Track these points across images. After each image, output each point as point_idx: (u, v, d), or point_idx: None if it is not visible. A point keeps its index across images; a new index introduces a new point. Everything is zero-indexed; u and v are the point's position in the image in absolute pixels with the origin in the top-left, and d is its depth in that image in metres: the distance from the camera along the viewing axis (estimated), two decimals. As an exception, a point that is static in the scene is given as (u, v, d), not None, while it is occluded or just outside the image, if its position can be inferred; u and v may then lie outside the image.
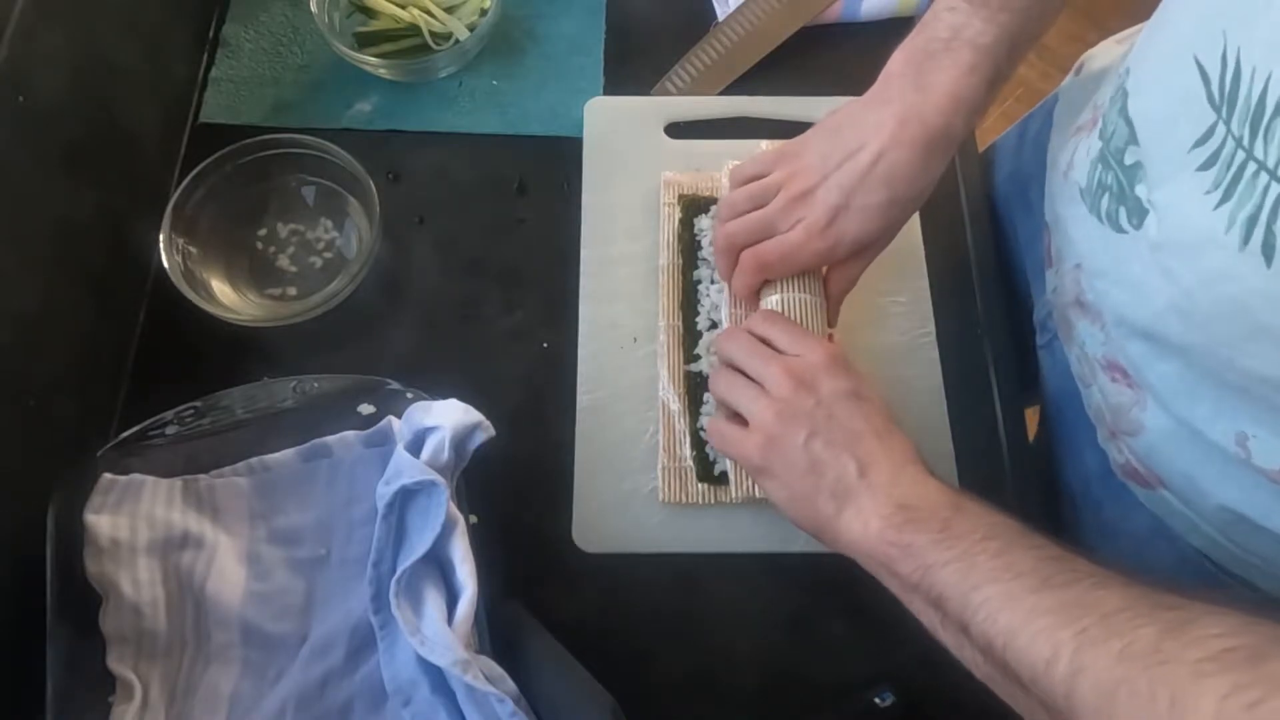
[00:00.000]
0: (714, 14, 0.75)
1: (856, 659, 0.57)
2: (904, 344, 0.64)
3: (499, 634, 0.51)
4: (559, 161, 0.69)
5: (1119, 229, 0.49)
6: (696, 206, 0.66)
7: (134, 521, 0.53)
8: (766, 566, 0.59)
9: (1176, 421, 0.49)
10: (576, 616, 0.56)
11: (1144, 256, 0.46)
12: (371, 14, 0.72)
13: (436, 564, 0.51)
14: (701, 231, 0.65)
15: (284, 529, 0.56)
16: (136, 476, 0.55)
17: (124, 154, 0.65)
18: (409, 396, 0.56)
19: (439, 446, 0.52)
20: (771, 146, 0.61)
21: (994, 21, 0.52)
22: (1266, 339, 0.40)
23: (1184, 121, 0.42)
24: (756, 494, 0.55)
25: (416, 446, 0.53)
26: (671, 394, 0.61)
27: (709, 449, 0.59)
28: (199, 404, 0.56)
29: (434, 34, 0.71)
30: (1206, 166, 0.40)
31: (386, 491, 0.51)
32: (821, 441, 0.48)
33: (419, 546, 0.50)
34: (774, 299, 0.57)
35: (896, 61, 0.55)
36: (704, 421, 0.60)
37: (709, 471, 0.59)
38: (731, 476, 0.57)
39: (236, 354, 0.63)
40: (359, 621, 0.52)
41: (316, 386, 0.57)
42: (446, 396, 0.55)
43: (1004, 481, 0.62)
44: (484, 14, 0.71)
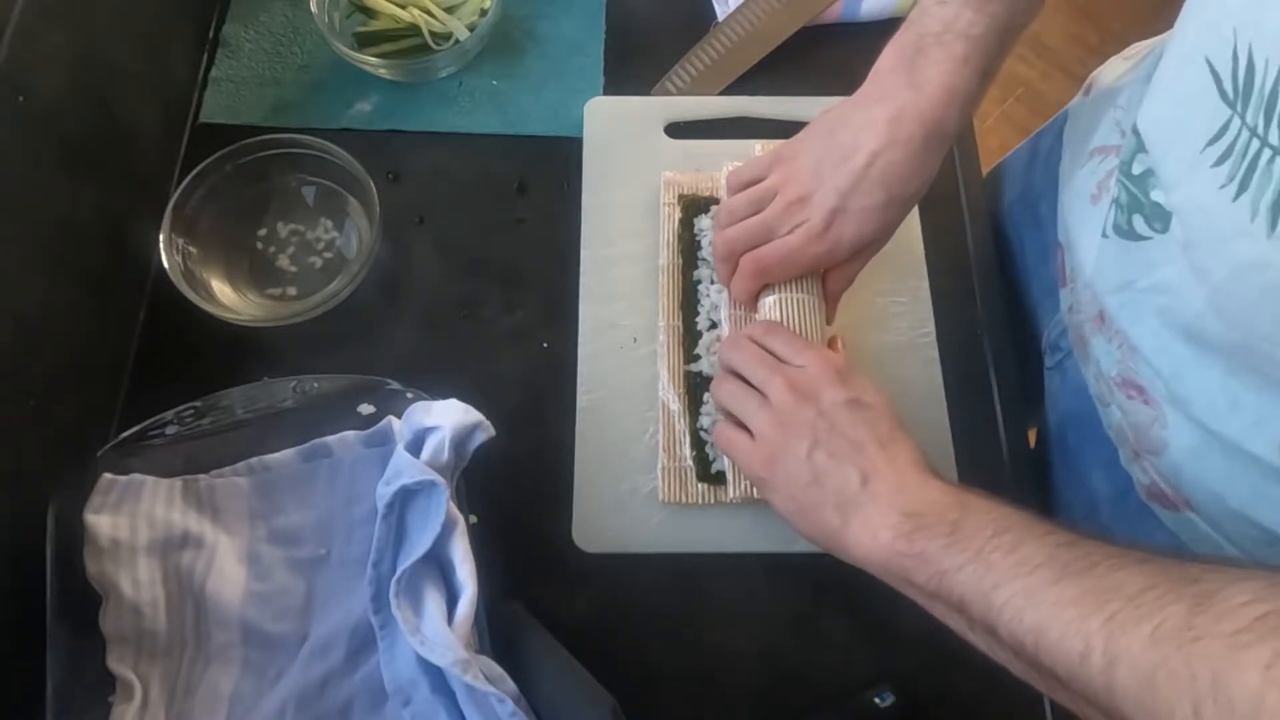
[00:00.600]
0: (714, 14, 0.75)
1: (856, 659, 0.57)
2: (904, 344, 0.64)
3: (499, 634, 0.51)
4: (559, 161, 0.69)
5: (1136, 238, 0.49)
6: (696, 206, 0.66)
7: (134, 521, 0.53)
8: (766, 566, 0.59)
9: (1207, 435, 0.48)
10: (576, 616, 0.57)
11: (1176, 259, 0.46)
12: (371, 14, 0.72)
13: (436, 564, 0.51)
14: (701, 231, 0.65)
15: (284, 529, 0.56)
16: (136, 476, 0.55)
17: (124, 154, 0.65)
18: (409, 396, 0.57)
19: (439, 446, 0.52)
20: (766, 148, 0.61)
21: (984, 12, 0.52)
22: None
23: (1197, 122, 0.42)
24: (754, 495, 0.55)
25: (416, 446, 0.53)
26: (671, 394, 0.61)
27: (709, 449, 0.59)
28: (199, 404, 0.56)
29: (434, 34, 0.71)
30: (1220, 162, 0.41)
31: (386, 491, 0.51)
32: (824, 453, 0.48)
33: (419, 546, 0.50)
34: (771, 299, 0.57)
35: (887, 58, 0.55)
36: (704, 421, 0.60)
37: (708, 471, 0.59)
38: (730, 477, 0.57)
39: (236, 354, 0.63)
40: (359, 621, 0.52)
41: (316, 386, 0.57)
42: (446, 396, 0.55)
43: (1003, 481, 0.62)
44: (484, 14, 0.71)
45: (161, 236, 0.61)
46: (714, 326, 0.62)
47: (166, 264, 0.61)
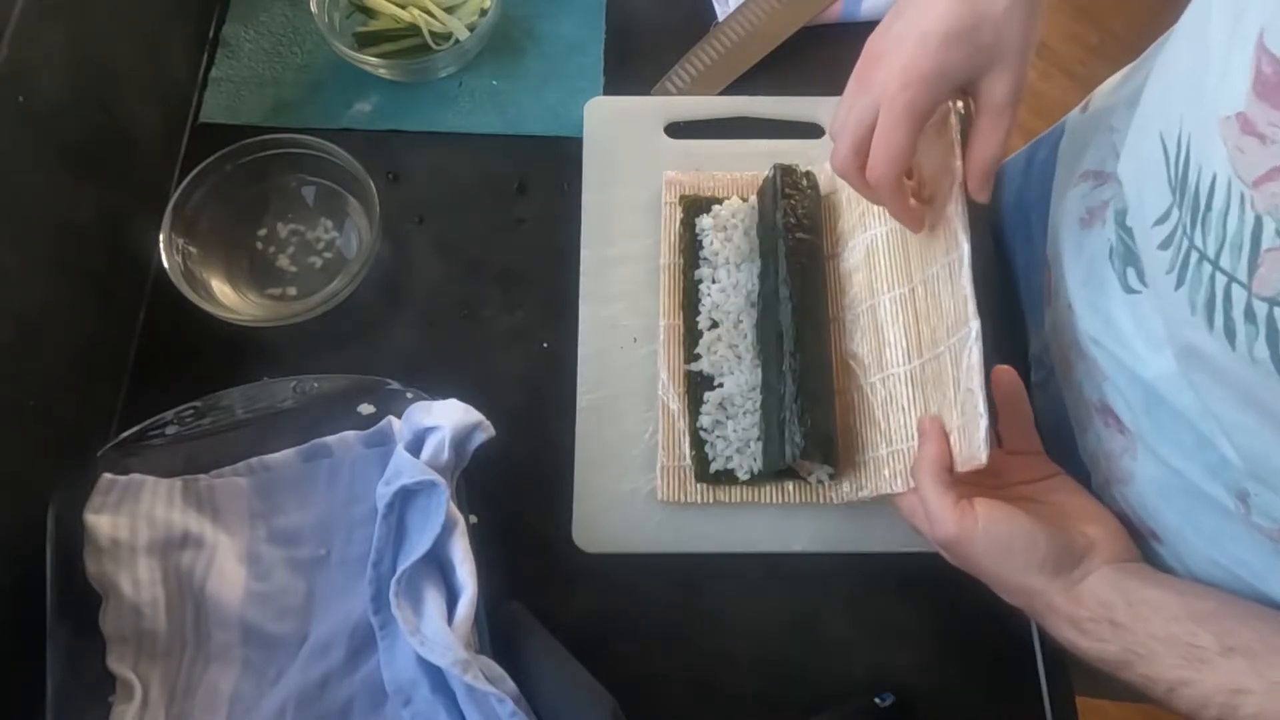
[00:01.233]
0: (714, 14, 0.75)
1: (856, 659, 0.57)
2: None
3: (499, 634, 0.51)
4: (559, 161, 0.69)
5: (1129, 289, 0.48)
6: (697, 206, 0.66)
7: (134, 521, 0.54)
8: (766, 567, 0.59)
9: (1170, 471, 0.48)
10: (576, 616, 0.57)
11: (1156, 311, 0.46)
12: (371, 14, 0.72)
13: (436, 564, 0.51)
14: (703, 231, 0.65)
15: (284, 529, 0.56)
16: (136, 476, 0.55)
17: (124, 154, 0.65)
18: (409, 396, 0.57)
19: (439, 446, 0.52)
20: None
21: None
22: (1254, 411, 0.39)
23: (1150, 195, 0.42)
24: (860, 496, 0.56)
25: (416, 446, 0.53)
26: (671, 394, 0.61)
27: (708, 448, 0.59)
28: (199, 404, 0.56)
29: (434, 34, 0.71)
30: (1164, 246, 0.40)
31: (386, 491, 0.51)
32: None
33: (419, 546, 0.50)
34: (921, 279, 0.55)
35: None
36: (704, 421, 0.60)
37: (708, 471, 0.59)
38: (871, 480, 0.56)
39: (236, 354, 0.63)
40: (359, 621, 0.52)
41: (316, 386, 0.57)
42: (446, 396, 0.55)
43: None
44: (484, 14, 0.71)
45: (161, 236, 0.61)
46: (714, 326, 0.62)
47: (166, 264, 0.61)
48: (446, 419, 0.53)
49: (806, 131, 0.69)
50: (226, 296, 0.64)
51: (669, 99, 0.72)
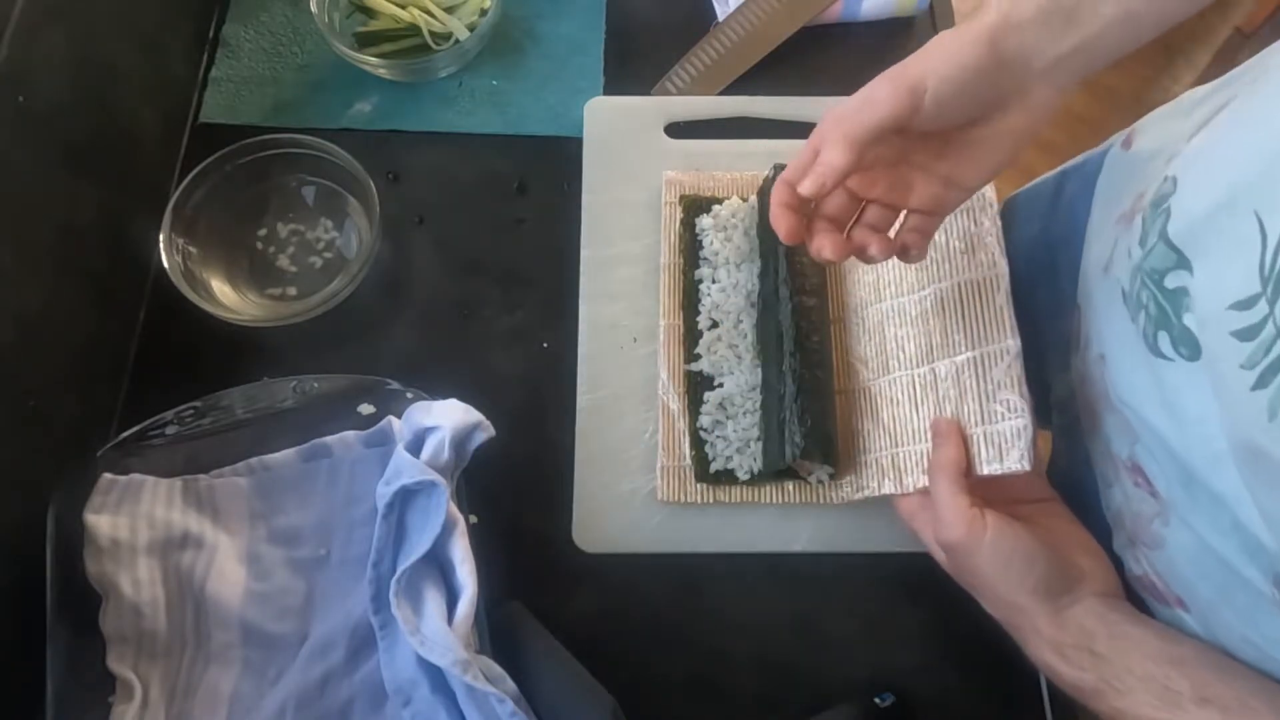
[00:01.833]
0: (714, 14, 0.75)
1: (856, 659, 0.57)
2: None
3: (499, 634, 0.51)
4: (559, 161, 0.69)
5: (1159, 354, 0.44)
6: (698, 206, 0.66)
7: (134, 521, 0.54)
8: (766, 567, 0.59)
9: (1205, 545, 0.44)
10: (576, 616, 0.56)
11: (1202, 389, 0.41)
12: (371, 14, 0.72)
13: (436, 564, 0.51)
14: (703, 231, 0.65)
15: (284, 529, 0.56)
16: (136, 476, 0.55)
17: (124, 154, 0.65)
18: (409, 396, 0.56)
19: (439, 446, 0.52)
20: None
21: None
22: None
23: (1231, 273, 0.37)
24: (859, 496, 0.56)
25: (416, 446, 0.53)
26: (671, 394, 0.61)
27: (708, 448, 0.59)
28: (199, 404, 0.56)
29: (434, 34, 0.71)
30: (1245, 338, 0.36)
31: (386, 491, 0.51)
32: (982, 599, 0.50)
33: (419, 546, 0.50)
34: (937, 289, 0.56)
35: None
36: (704, 421, 0.60)
37: (708, 471, 0.59)
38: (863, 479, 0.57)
39: (236, 354, 0.63)
40: (359, 621, 0.52)
41: (316, 386, 0.57)
42: (446, 396, 0.55)
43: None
44: (484, 14, 0.71)
45: (161, 236, 0.61)
46: (714, 326, 0.62)
47: (166, 264, 0.61)
48: (446, 419, 0.53)
49: (806, 131, 0.68)
50: (226, 296, 0.64)
51: (669, 99, 0.72)
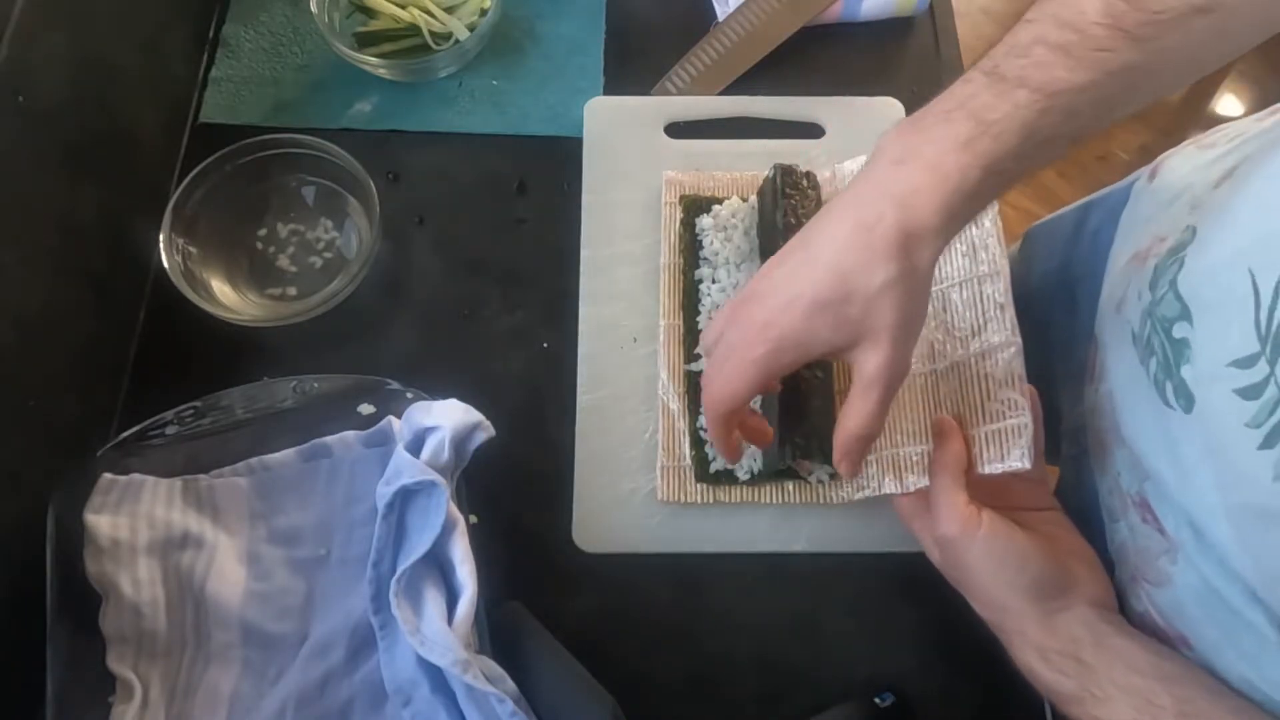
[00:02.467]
0: (714, 14, 0.75)
1: (856, 659, 0.57)
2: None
3: (499, 634, 0.51)
4: (559, 161, 0.69)
5: (1166, 403, 0.44)
6: (698, 206, 0.66)
7: (134, 521, 0.53)
8: (766, 567, 0.59)
9: (1210, 588, 0.44)
10: (576, 616, 0.56)
11: (1196, 443, 0.41)
12: (371, 14, 0.72)
13: (436, 564, 0.51)
14: (703, 231, 0.65)
15: (284, 529, 0.56)
16: (136, 476, 0.55)
17: (124, 154, 0.65)
18: (409, 396, 0.56)
19: (439, 446, 0.52)
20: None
21: (1006, 98, 0.41)
22: None
23: (1232, 331, 0.37)
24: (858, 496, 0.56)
25: (416, 446, 0.53)
26: (671, 394, 0.61)
27: (708, 448, 0.59)
28: (199, 404, 0.56)
29: (434, 34, 0.71)
30: (1249, 397, 0.36)
31: (386, 491, 0.51)
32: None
33: (419, 546, 0.50)
34: (938, 290, 0.56)
35: (887, 137, 0.45)
36: (704, 421, 0.60)
37: (708, 471, 0.59)
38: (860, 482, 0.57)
39: (236, 354, 0.63)
40: (359, 621, 0.52)
41: (316, 386, 0.57)
42: (446, 396, 0.55)
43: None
44: (484, 14, 0.71)
45: (161, 236, 0.61)
46: (714, 326, 0.62)
47: (166, 264, 0.61)
48: (446, 419, 0.53)
49: (806, 131, 0.69)
50: (226, 296, 0.64)
51: (669, 99, 0.72)
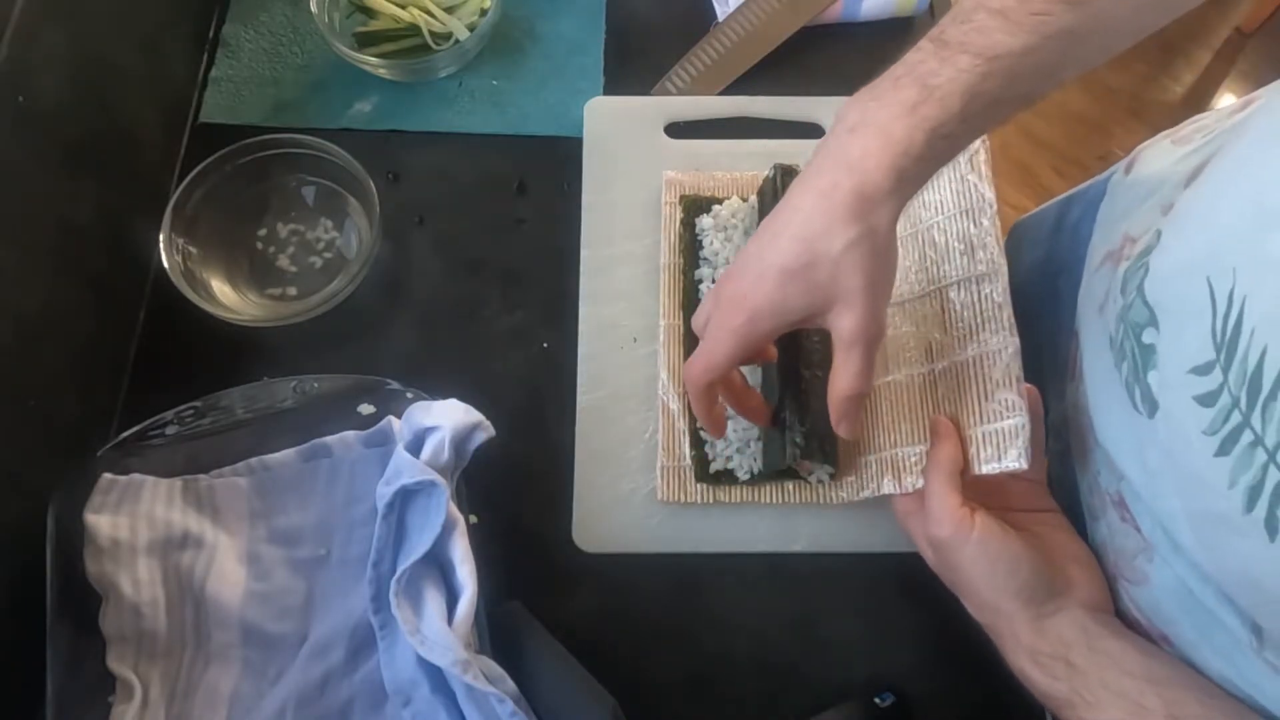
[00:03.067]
0: (714, 14, 0.75)
1: (856, 659, 0.57)
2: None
3: (499, 634, 0.51)
4: (559, 161, 0.69)
5: (1135, 407, 0.44)
6: (698, 206, 0.66)
7: (134, 521, 0.53)
8: (766, 567, 0.59)
9: (1185, 588, 0.44)
10: (576, 616, 0.56)
11: (1159, 448, 0.42)
12: (371, 14, 0.72)
13: (436, 564, 0.51)
14: (703, 231, 0.65)
15: (284, 529, 0.56)
16: (136, 476, 0.55)
17: (124, 154, 0.65)
18: (409, 396, 0.56)
19: (439, 446, 0.52)
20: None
21: (949, 63, 0.43)
22: (1271, 591, 0.36)
23: (1189, 337, 0.37)
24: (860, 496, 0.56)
25: (416, 446, 0.53)
26: (671, 394, 0.61)
27: (708, 448, 0.59)
28: (199, 404, 0.56)
29: (434, 34, 0.71)
30: (1205, 404, 0.36)
31: (386, 491, 0.51)
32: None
33: (419, 546, 0.50)
34: (937, 291, 0.56)
35: (845, 105, 0.47)
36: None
37: (708, 471, 0.59)
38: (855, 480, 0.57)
39: (236, 354, 0.63)
40: (359, 621, 0.52)
41: (316, 386, 0.57)
42: (446, 396, 0.55)
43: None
44: (484, 14, 0.71)
45: (161, 236, 0.61)
46: (714, 326, 0.62)
47: (166, 264, 0.61)
48: (446, 419, 0.53)
49: (806, 131, 0.69)
50: (226, 296, 0.64)
51: (669, 99, 0.72)
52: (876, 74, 0.56)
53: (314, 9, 0.69)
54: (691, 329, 0.62)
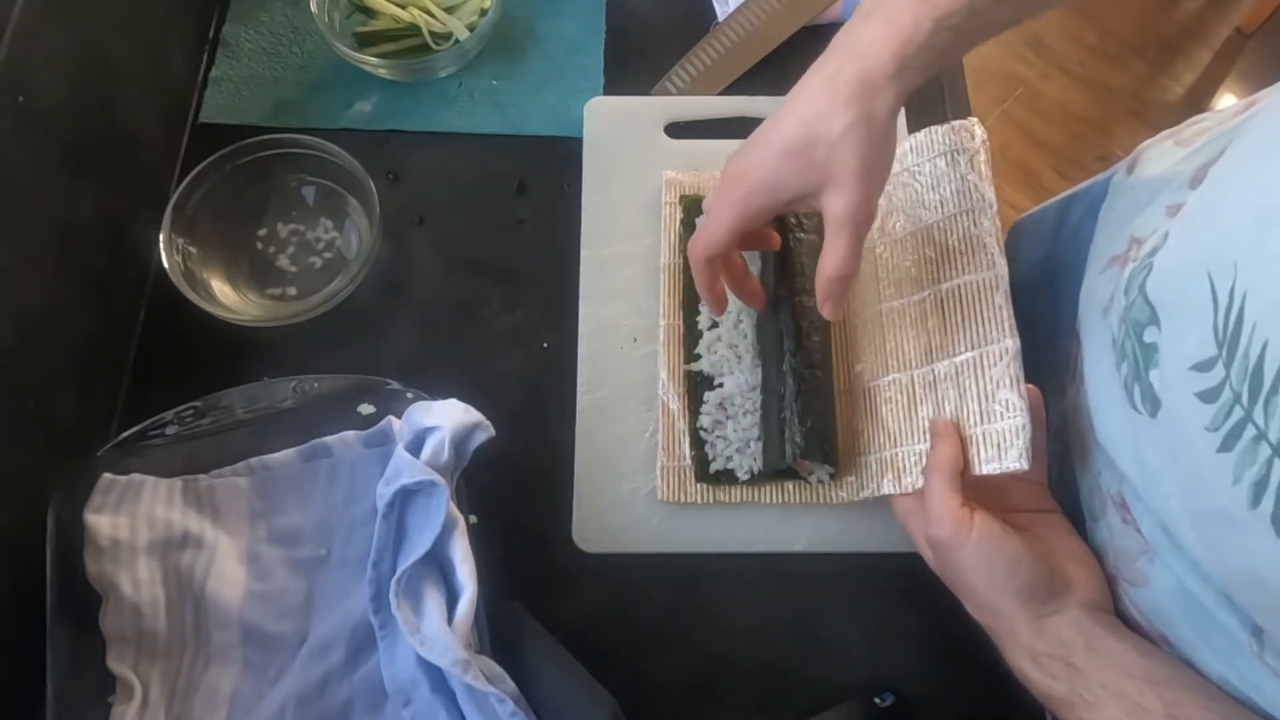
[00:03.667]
0: (714, 14, 0.75)
1: (856, 659, 0.57)
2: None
3: (499, 634, 0.51)
4: (559, 161, 0.69)
5: (1134, 407, 0.44)
6: (698, 206, 0.66)
7: (134, 521, 0.53)
8: (766, 566, 0.59)
9: (1184, 589, 0.44)
10: (576, 616, 0.57)
11: (1161, 447, 0.42)
12: (371, 14, 0.72)
13: (436, 564, 0.51)
14: (702, 231, 0.65)
15: (284, 529, 0.56)
16: (136, 476, 0.55)
17: (124, 154, 0.65)
18: (409, 396, 0.56)
19: (439, 446, 0.52)
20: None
21: None
22: (1275, 590, 0.36)
23: (1190, 335, 0.38)
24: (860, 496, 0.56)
25: (416, 446, 0.53)
26: (671, 394, 0.61)
27: (708, 448, 0.59)
28: (199, 404, 0.56)
29: (434, 34, 0.71)
30: (1208, 400, 0.36)
31: (386, 491, 0.51)
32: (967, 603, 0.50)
33: (419, 546, 0.50)
34: (936, 291, 0.56)
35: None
36: (704, 421, 0.60)
37: (708, 471, 0.59)
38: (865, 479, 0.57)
39: (236, 354, 0.63)
40: (359, 621, 0.52)
41: (316, 386, 0.57)
42: (446, 396, 0.55)
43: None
44: (484, 14, 0.71)
45: (161, 236, 0.61)
46: (714, 326, 0.62)
47: (166, 264, 0.61)
48: (446, 419, 0.53)
49: (806, 131, 0.69)
50: (226, 296, 0.64)
51: (669, 99, 0.72)
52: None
53: (314, 9, 0.69)
54: (691, 326, 0.62)
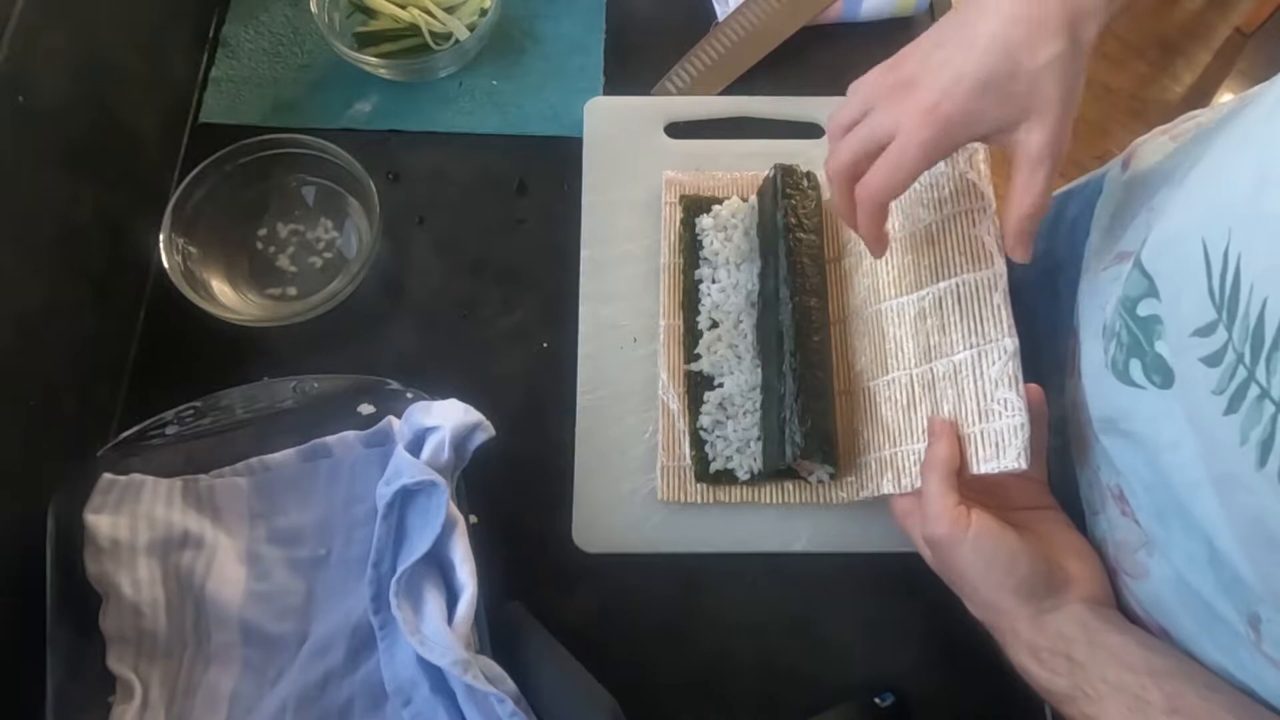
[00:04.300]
0: (714, 14, 0.75)
1: (856, 659, 0.57)
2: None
3: (499, 634, 0.51)
4: (559, 161, 0.69)
5: (1130, 383, 0.44)
6: (698, 206, 0.66)
7: (134, 521, 0.54)
8: (766, 566, 0.59)
9: (1182, 581, 0.44)
10: (576, 617, 0.57)
11: (1176, 417, 0.41)
12: (371, 14, 0.72)
13: (436, 564, 0.51)
14: (703, 231, 0.65)
15: (284, 529, 0.56)
16: (136, 476, 0.55)
17: (124, 154, 0.65)
18: (409, 396, 0.57)
19: (439, 446, 0.52)
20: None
21: None
22: None
23: (1188, 301, 0.38)
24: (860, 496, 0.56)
25: (416, 446, 0.53)
26: (671, 394, 0.61)
27: (708, 448, 0.59)
28: (199, 404, 0.56)
29: (434, 34, 0.71)
30: (1211, 364, 0.37)
31: (386, 491, 0.51)
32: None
33: (419, 547, 0.50)
34: (935, 290, 0.55)
35: None
36: (704, 421, 0.60)
37: (708, 471, 0.59)
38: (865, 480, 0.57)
39: (236, 354, 0.63)
40: (359, 621, 0.52)
41: (316, 386, 0.57)
42: (446, 396, 0.55)
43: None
44: (484, 14, 0.71)
45: (161, 236, 0.61)
46: (714, 326, 0.62)
47: (166, 264, 0.61)
48: (446, 419, 0.53)
49: (806, 131, 0.69)
50: (226, 296, 0.64)
51: (669, 99, 0.72)
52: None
53: (314, 9, 0.69)
54: (691, 326, 0.62)
